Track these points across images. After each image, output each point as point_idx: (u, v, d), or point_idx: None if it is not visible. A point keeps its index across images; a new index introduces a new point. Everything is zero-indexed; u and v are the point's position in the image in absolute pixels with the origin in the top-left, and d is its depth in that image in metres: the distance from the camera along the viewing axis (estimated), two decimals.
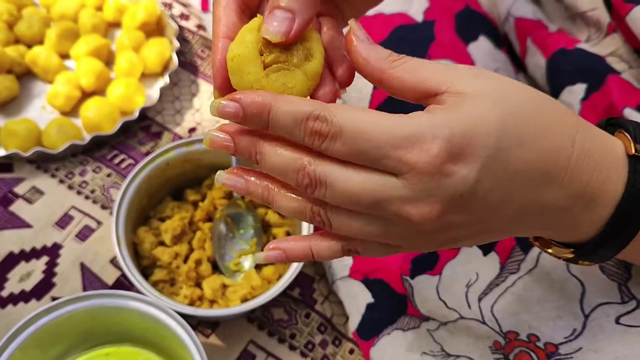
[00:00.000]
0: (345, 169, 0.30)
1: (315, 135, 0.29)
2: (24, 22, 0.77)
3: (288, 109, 0.30)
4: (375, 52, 0.32)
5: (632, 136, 0.34)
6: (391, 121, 0.29)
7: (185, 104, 0.76)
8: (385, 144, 0.28)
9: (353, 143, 0.29)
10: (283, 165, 0.31)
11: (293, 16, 0.31)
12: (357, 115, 0.29)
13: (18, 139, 0.68)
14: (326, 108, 0.29)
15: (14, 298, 0.60)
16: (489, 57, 0.66)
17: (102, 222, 0.66)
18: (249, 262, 0.63)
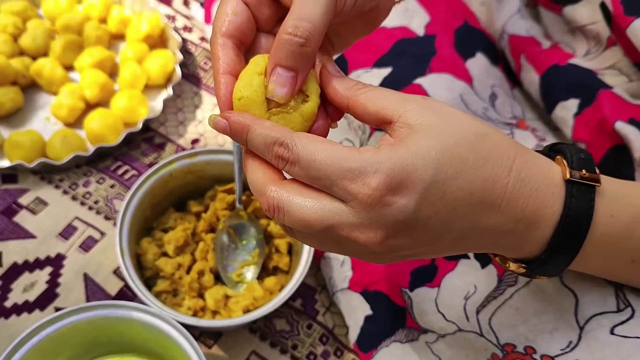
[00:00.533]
0: (302, 197, 0.34)
1: (279, 158, 0.34)
2: (29, 35, 0.78)
3: (261, 132, 0.34)
4: (344, 83, 0.36)
5: (569, 162, 0.36)
6: (342, 154, 0.32)
7: (188, 115, 0.77)
8: (332, 174, 0.32)
9: (308, 170, 0.33)
10: (253, 187, 0.36)
11: (295, 74, 0.35)
12: (313, 146, 0.33)
13: (22, 150, 0.68)
14: (290, 137, 0.33)
15: (17, 308, 0.61)
16: (486, 73, 0.66)
17: (105, 233, 0.66)
18: (252, 273, 0.63)
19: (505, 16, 0.68)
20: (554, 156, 0.38)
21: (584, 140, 0.60)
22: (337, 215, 0.33)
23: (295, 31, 0.35)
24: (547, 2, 0.69)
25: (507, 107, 0.65)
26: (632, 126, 0.56)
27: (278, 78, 0.35)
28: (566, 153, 0.37)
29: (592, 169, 0.36)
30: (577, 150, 0.37)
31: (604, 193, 0.37)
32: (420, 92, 0.61)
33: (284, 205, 0.34)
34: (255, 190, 0.35)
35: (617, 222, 0.37)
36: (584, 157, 0.37)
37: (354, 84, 0.36)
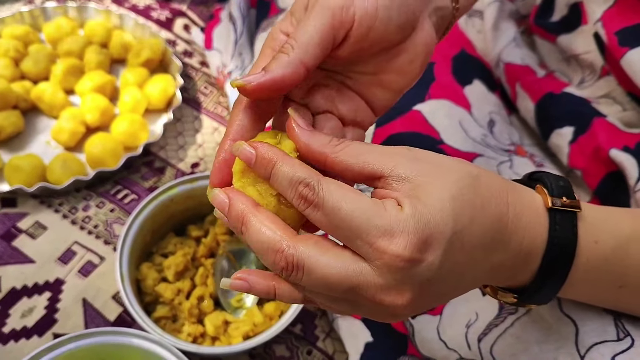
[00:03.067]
0: (323, 255, 0.32)
1: (302, 199, 0.32)
2: (30, 59, 0.79)
3: (288, 170, 0.33)
4: (316, 139, 0.34)
5: (549, 190, 0.37)
6: (369, 207, 0.31)
7: (188, 139, 0.78)
8: (358, 227, 0.31)
9: (332, 216, 0.31)
10: (264, 244, 0.32)
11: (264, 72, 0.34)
12: (340, 193, 0.32)
13: (22, 174, 0.68)
14: (317, 179, 0.32)
15: (15, 334, 0.61)
16: (483, 100, 0.67)
17: (104, 258, 0.66)
18: (251, 299, 0.63)
19: (501, 44, 0.69)
20: (534, 185, 0.38)
21: (579, 167, 0.61)
22: (361, 276, 0.31)
23: (281, 46, 0.35)
24: (542, 31, 0.70)
25: (505, 133, 0.65)
26: (627, 153, 0.57)
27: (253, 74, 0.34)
28: (545, 181, 0.37)
29: (572, 196, 0.37)
30: (555, 178, 0.38)
31: (586, 219, 0.37)
32: (420, 118, 0.62)
33: (304, 263, 0.32)
34: (267, 247, 0.32)
35: (602, 247, 0.37)
36: (563, 185, 0.37)
37: (328, 140, 0.34)
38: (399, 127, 0.61)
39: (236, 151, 0.34)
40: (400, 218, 0.31)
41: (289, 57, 0.35)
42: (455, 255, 0.32)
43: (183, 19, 0.90)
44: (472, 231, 0.32)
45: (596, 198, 0.61)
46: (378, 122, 0.62)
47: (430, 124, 0.61)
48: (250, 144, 0.34)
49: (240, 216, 0.33)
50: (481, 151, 0.61)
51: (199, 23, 0.90)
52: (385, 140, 0.62)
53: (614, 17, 0.58)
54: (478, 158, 0.60)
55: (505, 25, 0.71)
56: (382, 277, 0.31)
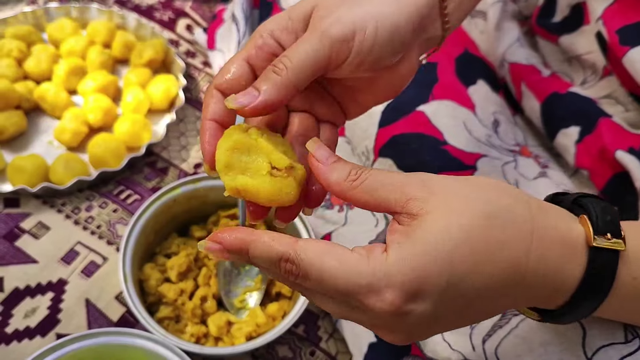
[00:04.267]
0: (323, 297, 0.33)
1: (288, 274, 0.32)
2: (33, 59, 0.79)
3: (263, 251, 0.33)
4: (336, 175, 0.34)
5: (594, 224, 0.34)
6: (350, 268, 0.31)
7: (190, 140, 0.78)
8: (344, 291, 0.31)
9: (319, 285, 0.32)
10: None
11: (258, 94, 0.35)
12: (320, 261, 0.31)
13: (25, 174, 0.68)
14: (294, 249, 0.32)
15: (18, 334, 0.60)
16: (487, 100, 0.67)
17: (107, 258, 0.66)
18: (254, 300, 0.63)
19: (505, 45, 0.69)
20: (578, 211, 0.36)
21: (586, 168, 0.61)
22: (357, 315, 0.33)
23: (275, 63, 0.36)
24: (544, 32, 0.70)
25: (509, 134, 0.65)
26: (632, 155, 0.56)
27: (243, 92, 0.35)
28: (591, 212, 0.35)
29: (618, 232, 0.34)
30: (602, 210, 0.35)
31: (628, 256, 0.35)
32: (424, 119, 0.62)
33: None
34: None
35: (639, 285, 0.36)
36: (610, 219, 0.35)
37: (346, 174, 0.34)
38: (403, 128, 0.61)
39: (202, 249, 0.34)
40: (385, 271, 0.31)
41: (281, 80, 0.36)
42: (452, 302, 0.32)
43: (186, 20, 0.90)
44: (473, 280, 0.31)
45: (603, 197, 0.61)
46: (381, 122, 0.62)
47: (434, 125, 0.61)
48: (213, 238, 0.34)
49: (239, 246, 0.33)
50: (485, 152, 0.61)
51: (201, 23, 0.90)
52: (388, 140, 0.62)
53: (615, 15, 0.57)
54: (482, 158, 0.60)
55: (508, 25, 0.71)
56: (373, 321, 0.32)
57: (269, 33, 0.39)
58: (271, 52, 0.39)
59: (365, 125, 0.63)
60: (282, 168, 0.35)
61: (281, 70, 0.36)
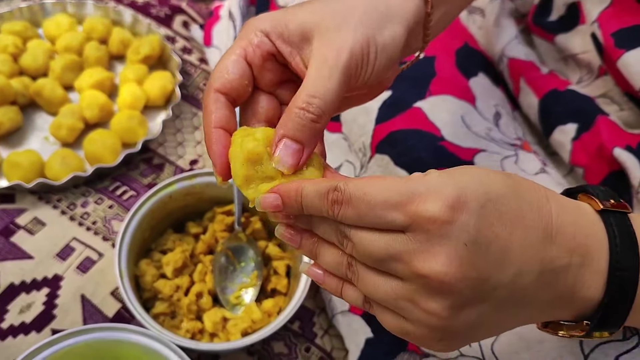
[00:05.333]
0: (365, 230, 0.33)
1: (334, 204, 0.33)
2: (29, 55, 0.78)
3: (313, 188, 0.34)
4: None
5: (595, 195, 0.36)
6: (392, 182, 0.32)
7: (187, 136, 0.78)
8: (385, 201, 0.31)
9: (360, 204, 0.32)
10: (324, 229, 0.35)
11: (302, 147, 0.36)
12: (364, 182, 0.32)
13: (21, 170, 0.68)
14: (344, 181, 0.33)
15: (13, 330, 0.60)
16: (489, 93, 0.67)
17: (103, 254, 0.66)
18: (250, 296, 0.63)
19: (504, 41, 0.69)
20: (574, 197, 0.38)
21: (582, 165, 0.61)
22: (397, 243, 0.32)
23: (307, 107, 0.35)
24: (540, 31, 0.70)
25: (511, 127, 0.65)
26: (630, 153, 0.57)
27: (286, 149, 0.35)
28: (587, 190, 0.37)
29: (618, 199, 0.36)
30: (594, 186, 0.37)
31: (636, 220, 0.36)
32: (421, 115, 0.62)
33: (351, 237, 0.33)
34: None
35: None
36: (605, 190, 0.37)
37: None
38: (399, 124, 0.61)
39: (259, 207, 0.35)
40: (426, 182, 0.32)
41: (321, 127, 0.36)
42: (494, 225, 0.31)
43: (182, 16, 0.90)
44: (508, 205, 0.32)
45: None
46: (378, 119, 0.62)
47: (431, 121, 0.61)
48: (270, 190, 0.35)
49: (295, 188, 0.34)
50: (484, 146, 0.61)
51: (198, 20, 0.90)
52: (385, 137, 0.62)
53: (611, 18, 0.58)
54: (480, 153, 0.60)
55: (506, 22, 0.71)
56: (414, 241, 0.31)
57: (265, 34, 0.39)
58: (268, 51, 0.39)
59: (362, 122, 0.63)
60: None
61: (320, 118, 0.36)
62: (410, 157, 0.59)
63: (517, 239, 0.32)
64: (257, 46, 0.39)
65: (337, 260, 0.35)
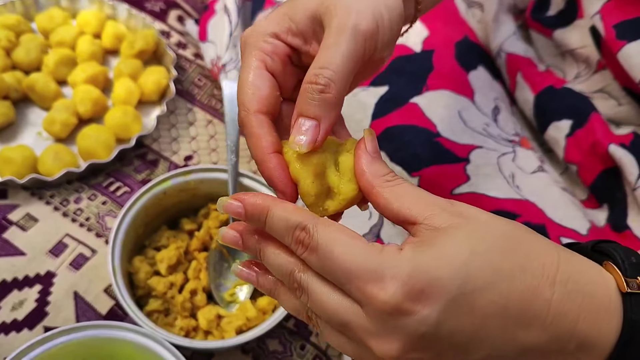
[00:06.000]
0: (324, 284, 0.31)
1: (299, 244, 0.31)
2: (22, 49, 0.78)
3: (282, 215, 0.32)
4: (374, 168, 0.34)
5: (621, 269, 0.32)
6: (362, 250, 0.30)
7: (181, 132, 0.77)
8: (349, 271, 0.30)
9: (324, 260, 0.30)
10: (279, 267, 0.33)
11: (318, 123, 0.34)
12: (334, 236, 0.30)
13: (13, 165, 0.67)
14: (314, 222, 0.31)
15: (5, 327, 0.60)
16: (488, 86, 0.67)
17: (96, 251, 0.65)
18: (244, 293, 0.63)
19: (503, 35, 0.69)
20: (600, 259, 0.33)
21: (575, 162, 0.60)
22: (354, 316, 0.30)
23: (315, 79, 0.34)
24: (538, 26, 0.69)
25: (509, 122, 0.65)
26: (625, 150, 0.56)
27: (298, 127, 0.34)
28: (615, 257, 0.33)
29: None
30: (626, 253, 0.33)
31: None
32: (417, 110, 0.62)
33: (307, 285, 0.32)
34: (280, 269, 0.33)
35: None
36: (636, 262, 0.32)
37: (384, 173, 0.34)
38: (396, 120, 0.61)
39: (221, 208, 0.34)
40: (394, 262, 0.29)
41: (333, 96, 0.34)
42: (461, 318, 0.29)
43: (177, 11, 0.89)
44: (487, 298, 0.29)
45: (592, 195, 0.61)
46: (374, 114, 0.62)
47: (427, 117, 0.61)
48: (236, 197, 0.33)
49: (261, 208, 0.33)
50: (481, 142, 0.60)
51: (193, 14, 0.89)
52: (382, 132, 0.61)
53: (613, 10, 0.57)
54: (476, 150, 0.59)
55: (505, 18, 0.71)
56: (370, 322, 0.30)
57: (273, 37, 0.37)
58: (285, 53, 0.37)
59: (359, 118, 0.63)
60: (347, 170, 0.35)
61: (328, 87, 0.34)
62: (406, 153, 0.59)
63: (490, 329, 0.30)
64: (273, 52, 0.37)
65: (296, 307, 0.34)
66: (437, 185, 0.58)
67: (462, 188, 0.58)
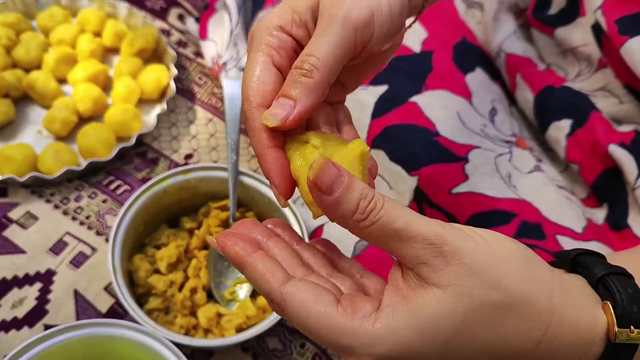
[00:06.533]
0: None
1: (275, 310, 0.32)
2: (22, 47, 0.78)
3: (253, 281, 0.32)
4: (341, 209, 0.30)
5: (618, 316, 0.31)
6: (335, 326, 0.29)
7: (182, 130, 0.77)
8: (327, 344, 0.30)
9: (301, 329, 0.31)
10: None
11: (294, 103, 0.34)
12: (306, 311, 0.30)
13: (13, 163, 0.67)
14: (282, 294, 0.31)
15: (5, 325, 0.60)
16: (485, 88, 0.67)
17: (96, 249, 0.66)
18: (244, 292, 0.63)
19: (502, 36, 0.69)
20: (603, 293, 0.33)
21: (577, 162, 0.60)
22: None
23: (300, 64, 0.34)
24: (540, 24, 0.69)
25: (506, 123, 0.65)
26: (625, 150, 0.56)
27: (276, 104, 0.34)
28: (616, 299, 0.32)
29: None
30: (629, 297, 0.32)
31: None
32: (416, 110, 0.62)
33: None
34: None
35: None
36: (636, 311, 0.32)
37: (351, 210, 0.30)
38: (395, 119, 0.61)
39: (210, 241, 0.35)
40: (366, 338, 0.29)
41: (314, 82, 0.34)
42: None
43: (177, 9, 0.89)
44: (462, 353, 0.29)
45: (592, 194, 0.61)
46: (374, 113, 0.62)
47: (426, 116, 0.61)
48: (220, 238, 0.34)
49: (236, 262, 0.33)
50: (479, 143, 0.60)
51: (193, 13, 0.89)
52: (381, 132, 0.61)
53: (615, 6, 0.57)
54: (474, 150, 0.59)
55: (505, 17, 0.71)
56: None
57: (279, 30, 0.37)
58: (292, 49, 0.37)
59: (358, 117, 0.63)
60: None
61: (311, 72, 0.34)
62: (405, 152, 0.59)
63: None
64: (280, 47, 0.37)
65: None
66: (436, 184, 0.58)
67: (460, 187, 0.58)
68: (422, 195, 0.58)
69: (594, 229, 0.58)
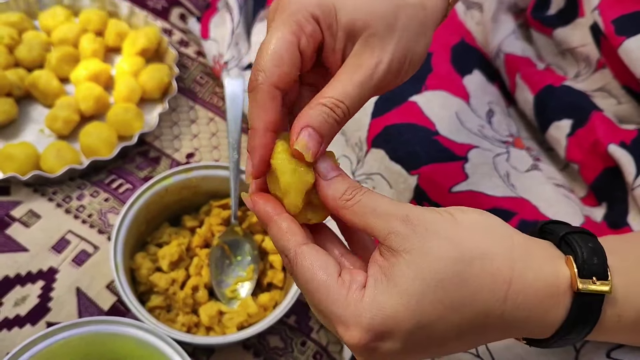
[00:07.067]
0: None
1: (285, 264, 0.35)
2: (25, 46, 0.78)
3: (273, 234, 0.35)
4: (332, 190, 0.35)
5: (579, 267, 0.34)
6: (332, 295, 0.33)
7: (183, 129, 0.77)
8: (320, 310, 0.34)
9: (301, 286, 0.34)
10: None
11: (322, 140, 0.35)
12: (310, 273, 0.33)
13: (16, 162, 0.68)
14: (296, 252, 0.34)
15: (8, 323, 0.60)
16: (482, 90, 0.67)
17: (98, 247, 0.66)
18: (246, 290, 0.63)
19: (501, 36, 0.69)
20: (566, 250, 0.35)
21: (577, 161, 0.61)
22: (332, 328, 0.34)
23: (334, 108, 0.35)
24: (539, 25, 0.70)
25: (503, 124, 0.65)
26: (624, 150, 0.57)
27: (310, 137, 0.34)
28: (577, 253, 0.34)
29: (604, 274, 0.34)
30: (590, 251, 0.34)
31: (614, 297, 0.35)
32: (416, 109, 0.62)
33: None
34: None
35: (624, 321, 0.36)
36: (597, 262, 0.34)
37: (342, 192, 0.35)
38: (395, 119, 0.61)
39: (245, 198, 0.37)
40: (355, 309, 0.32)
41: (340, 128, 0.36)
42: (420, 343, 0.33)
43: (179, 8, 0.90)
44: (442, 326, 0.32)
45: (592, 193, 0.61)
46: (374, 113, 0.62)
47: (426, 115, 0.61)
48: (252, 197, 0.37)
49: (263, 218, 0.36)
50: (477, 143, 0.61)
51: (195, 12, 0.90)
52: (381, 131, 0.61)
53: (612, 5, 0.57)
54: (473, 149, 0.60)
55: (504, 17, 0.71)
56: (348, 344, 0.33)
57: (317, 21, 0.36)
58: (320, 41, 0.37)
59: (358, 116, 0.63)
60: None
61: (343, 120, 0.36)
62: (405, 152, 0.59)
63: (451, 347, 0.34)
64: (310, 36, 0.36)
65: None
66: (436, 183, 0.58)
67: (460, 186, 0.58)
68: (422, 194, 0.58)
69: (592, 226, 0.58)
